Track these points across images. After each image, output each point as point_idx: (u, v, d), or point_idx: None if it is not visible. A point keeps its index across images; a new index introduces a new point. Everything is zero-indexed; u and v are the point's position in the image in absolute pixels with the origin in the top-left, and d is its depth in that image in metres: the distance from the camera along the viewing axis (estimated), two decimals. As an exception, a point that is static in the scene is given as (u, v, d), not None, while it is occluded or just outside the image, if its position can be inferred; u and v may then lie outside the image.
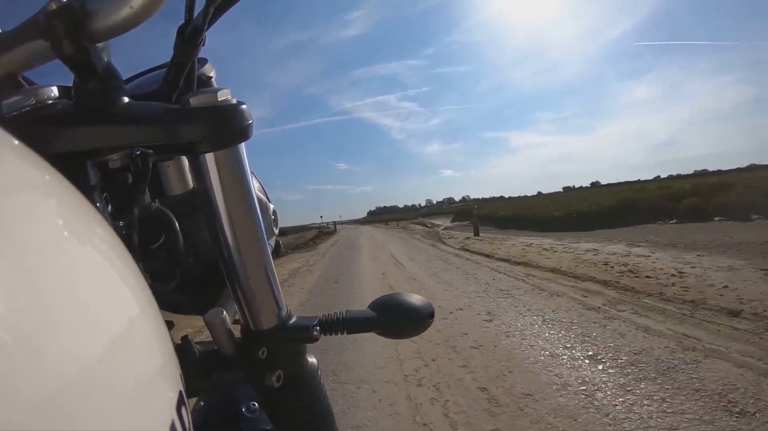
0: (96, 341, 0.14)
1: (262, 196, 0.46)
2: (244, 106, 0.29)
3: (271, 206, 0.47)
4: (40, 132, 0.27)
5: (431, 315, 0.37)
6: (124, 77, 0.32)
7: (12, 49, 0.31)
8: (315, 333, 0.34)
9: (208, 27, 0.32)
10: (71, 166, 0.29)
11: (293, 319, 0.34)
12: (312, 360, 0.37)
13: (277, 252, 0.48)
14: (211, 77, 0.39)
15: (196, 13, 0.31)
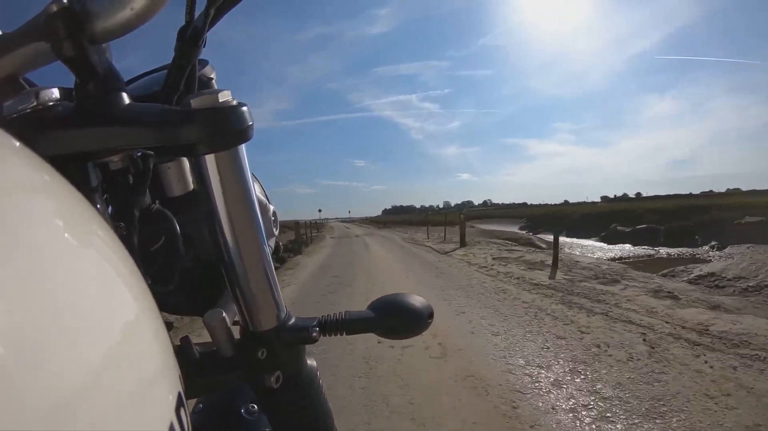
0: (95, 342, 0.15)
1: (263, 198, 0.46)
2: (244, 108, 0.29)
3: (271, 207, 0.47)
4: (41, 133, 0.27)
5: (430, 315, 0.37)
6: (126, 79, 0.32)
7: (13, 50, 0.31)
8: (314, 334, 0.34)
9: (209, 29, 0.32)
10: (72, 168, 0.29)
11: (292, 320, 0.34)
12: (311, 361, 0.37)
13: (277, 253, 0.48)
14: (212, 79, 0.39)
15: (196, 15, 0.31)
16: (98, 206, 0.30)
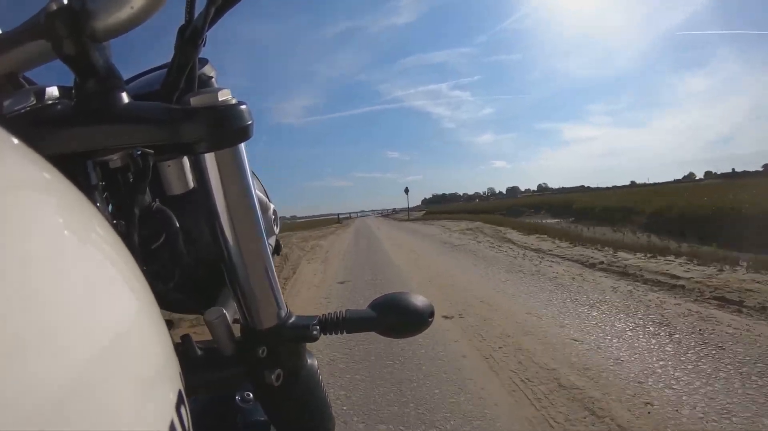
0: (95, 340, 0.15)
1: (263, 196, 0.46)
2: (244, 106, 0.29)
3: (272, 206, 0.47)
4: (40, 132, 0.27)
5: (431, 314, 0.37)
6: (125, 77, 0.32)
7: (13, 49, 0.31)
8: (314, 332, 0.34)
9: (209, 28, 0.32)
10: (72, 166, 0.29)
11: (293, 318, 0.35)
12: (311, 359, 0.37)
13: (278, 252, 0.48)
14: (212, 77, 0.39)
15: (196, 14, 0.31)
16: (98, 204, 0.30)
